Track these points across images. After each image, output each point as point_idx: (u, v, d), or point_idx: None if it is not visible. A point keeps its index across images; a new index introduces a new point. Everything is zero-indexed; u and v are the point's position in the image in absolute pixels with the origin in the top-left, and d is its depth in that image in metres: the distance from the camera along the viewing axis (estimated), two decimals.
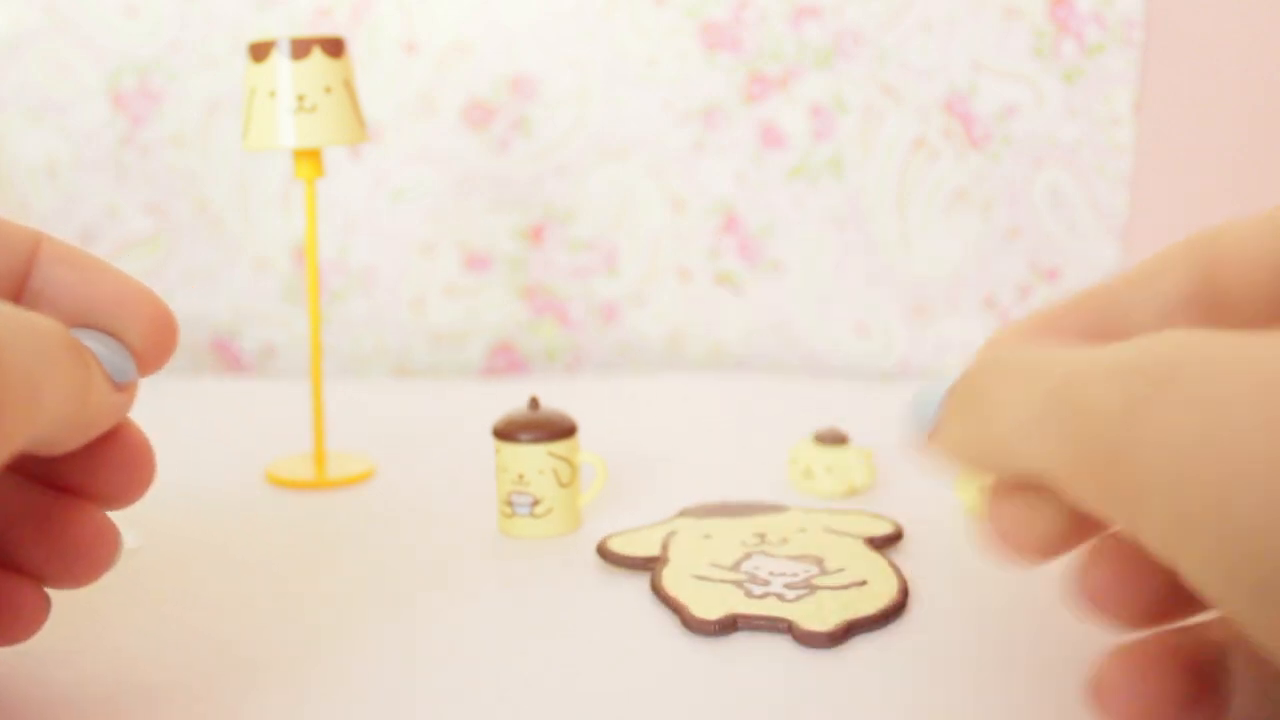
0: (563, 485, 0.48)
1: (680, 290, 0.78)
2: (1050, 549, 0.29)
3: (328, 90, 0.51)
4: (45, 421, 0.28)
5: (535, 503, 0.47)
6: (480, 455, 0.56)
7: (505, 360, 0.79)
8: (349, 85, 0.53)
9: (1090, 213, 0.74)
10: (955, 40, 0.73)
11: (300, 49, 0.51)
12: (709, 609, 0.39)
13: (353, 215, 0.77)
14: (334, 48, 0.52)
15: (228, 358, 0.80)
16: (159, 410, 0.43)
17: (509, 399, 0.62)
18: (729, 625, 0.39)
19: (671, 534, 0.46)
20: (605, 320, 0.78)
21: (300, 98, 0.51)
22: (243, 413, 0.68)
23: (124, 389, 0.31)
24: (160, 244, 0.78)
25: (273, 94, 0.51)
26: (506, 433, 0.48)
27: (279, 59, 0.51)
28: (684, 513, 0.49)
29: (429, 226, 0.77)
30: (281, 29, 0.75)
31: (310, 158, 0.53)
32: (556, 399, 0.64)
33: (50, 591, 0.34)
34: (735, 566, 0.43)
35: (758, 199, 0.76)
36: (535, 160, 0.76)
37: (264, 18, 0.75)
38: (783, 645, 0.38)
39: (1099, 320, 0.30)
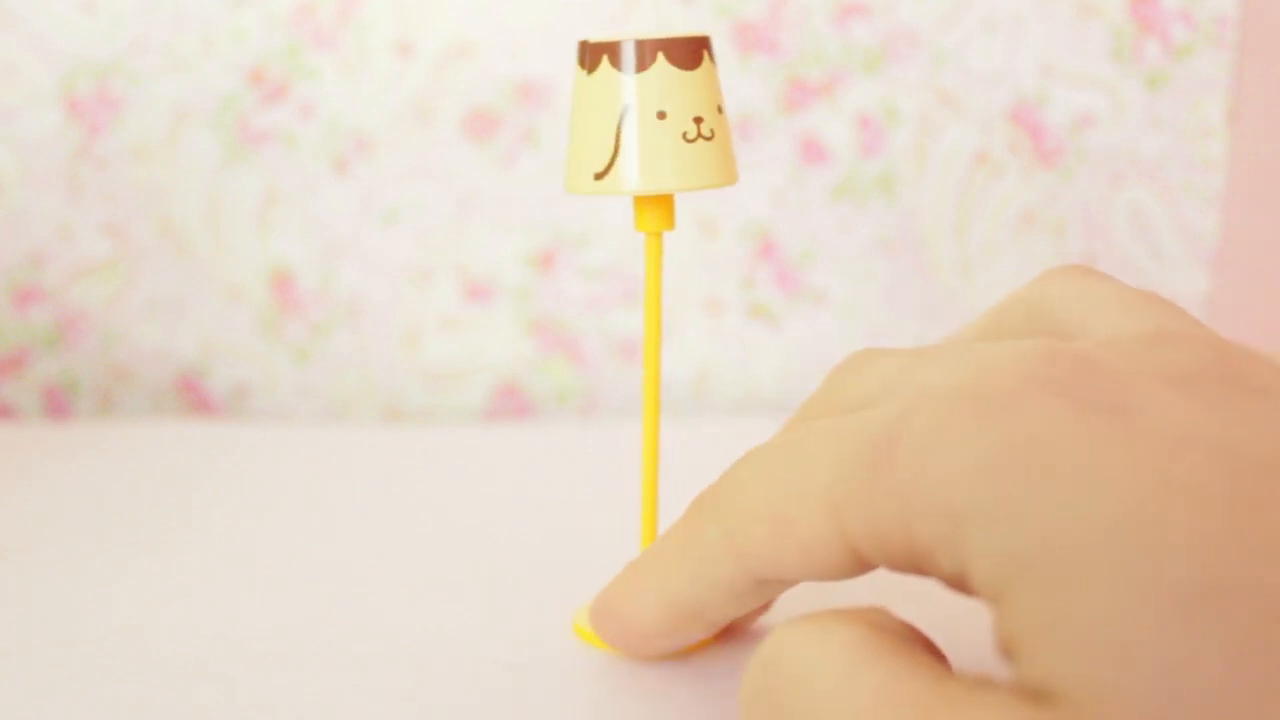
0: None
1: (709, 325, 0.70)
2: None
3: (719, 110, 0.38)
4: None
5: None
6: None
7: (510, 403, 0.71)
8: (721, 104, 0.40)
9: (1176, 237, 0.67)
10: (1022, 41, 0.66)
11: (682, 53, 0.37)
12: None
13: (338, 238, 0.69)
14: (692, 52, 0.38)
15: (194, 399, 0.71)
16: (113, 458, 0.35)
17: (515, 446, 0.53)
18: None
19: None
20: (623, 359, 0.70)
21: (698, 120, 0.38)
22: (214, 462, 0.59)
23: None
24: (119, 269, 0.70)
25: (662, 115, 0.38)
26: None
27: (658, 67, 0.38)
28: None
29: (424, 251, 0.69)
30: (258, 26, 0.67)
31: (662, 204, 0.39)
32: (567, 447, 0.56)
33: None
34: None
35: (797, 221, 0.68)
36: (545, 177, 0.68)
37: (239, 14, 0.67)
38: None
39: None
